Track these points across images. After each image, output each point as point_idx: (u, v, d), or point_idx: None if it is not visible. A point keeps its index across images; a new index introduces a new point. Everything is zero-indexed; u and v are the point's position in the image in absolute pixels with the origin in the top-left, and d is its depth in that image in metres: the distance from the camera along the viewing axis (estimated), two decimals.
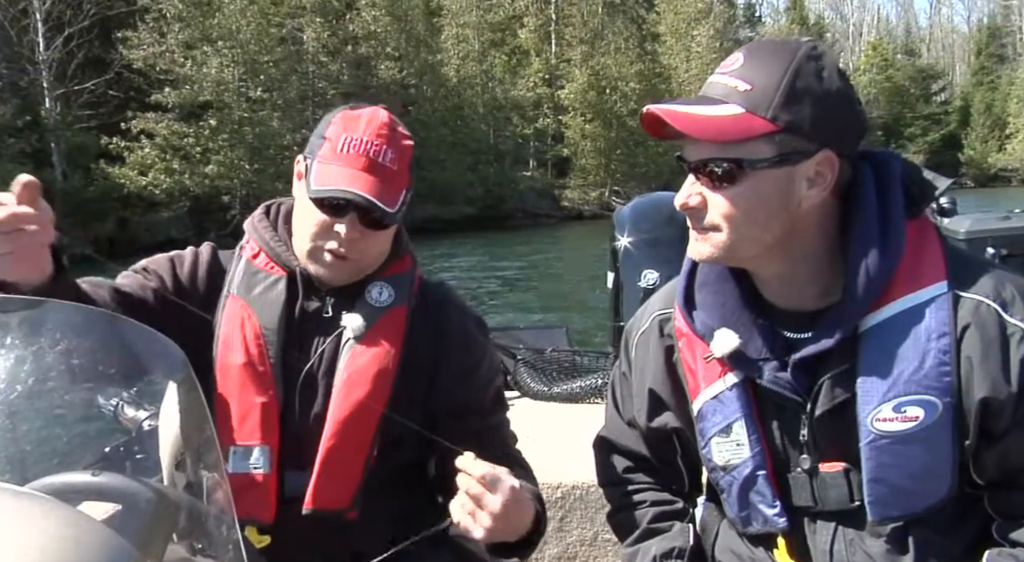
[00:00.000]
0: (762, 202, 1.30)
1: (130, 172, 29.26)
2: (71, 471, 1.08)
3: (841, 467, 1.37)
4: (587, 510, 2.83)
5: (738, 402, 1.41)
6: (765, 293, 1.42)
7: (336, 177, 1.57)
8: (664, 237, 3.45)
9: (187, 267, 1.69)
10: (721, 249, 1.35)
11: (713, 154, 1.30)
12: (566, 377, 4.01)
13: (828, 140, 1.30)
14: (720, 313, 1.41)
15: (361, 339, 1.63)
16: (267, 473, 1.57)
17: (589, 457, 1.74)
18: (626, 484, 1.66)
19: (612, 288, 3.69)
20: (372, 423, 1.60)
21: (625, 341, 1.63)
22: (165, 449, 1.38)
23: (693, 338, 1.45)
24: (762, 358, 1.38)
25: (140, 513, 1.06)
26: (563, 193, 45.85)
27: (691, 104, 1.31)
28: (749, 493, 1.43)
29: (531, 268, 23.18)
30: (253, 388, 1.58)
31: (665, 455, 1.60)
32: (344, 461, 1.60)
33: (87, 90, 29.60)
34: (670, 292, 1.54)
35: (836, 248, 1.36)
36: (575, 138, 46.73)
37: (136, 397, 1.78)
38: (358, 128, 1.61)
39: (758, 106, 1.27)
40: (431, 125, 40.04)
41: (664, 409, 1.54)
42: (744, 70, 1.30)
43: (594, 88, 46.15)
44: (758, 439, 1.40)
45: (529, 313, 15.63)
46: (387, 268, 1.71)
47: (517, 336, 4.73)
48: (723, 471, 1.44)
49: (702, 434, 1.46)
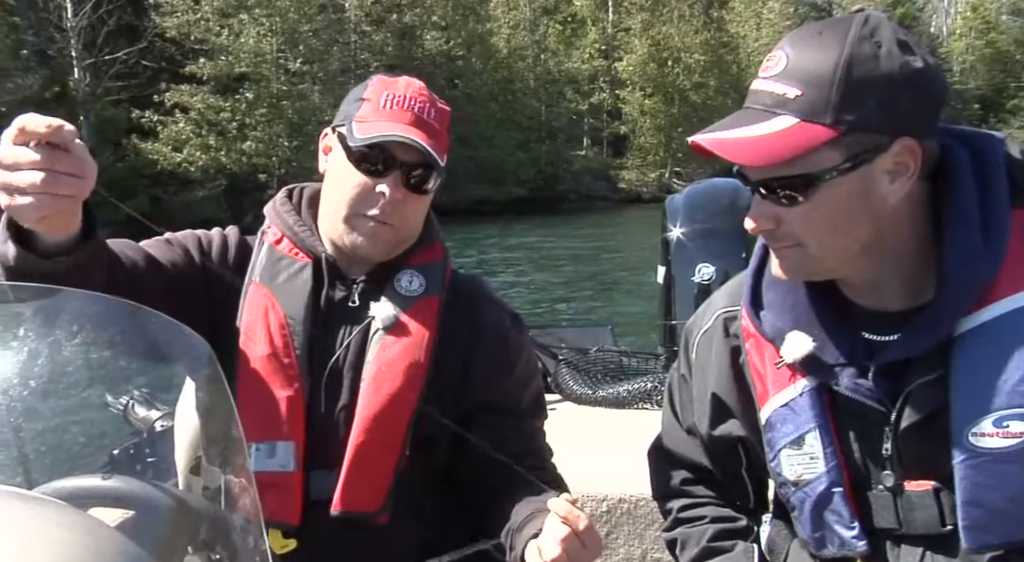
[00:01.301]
0: (842, 211, 1.25)
1: (164, 148, 29.84)
2: (78, 474, 1.08)
3: (930, 486, 1.32)
4: (635, 526, 2.79)
5: (812, 411, 1.36)
6: (846, 292, 1.38)
7: (384, 129, 1.58)
8: (721, 228, 3.40)
9: (216, 248, 1.69)
10: (807, 266, 1.31)
11: (776, 173, 1.24)
12: (612, 380, 3.99)
13: (902, 127, 1.23)
14: (792, 315, 1.37)
15: (391, 329, 1.62)
16: (292, 472, 1.56)
17: (637, 468, 1.71)
18: (684, 497, 1.62)
19: (663, 283, 3.66)
20: (404, 419, 1.59)
21: (685, 341, 1.60)
22: (181, 451, 1.38)
23: (762, 340, 1.41)
24: (840, 363, 1.33)
25: (157, 520, 1.05)
26: (620, 174, 45.74)
27: (739, 125, 1.25)
28: (824, 512, 1.38)
29: (581, 257, 23.18)
30: (277, 381, 1.57)
31: (728, 467, 1.56)
32: (374, 459, 1.59)
33: (118, 60, 30.14)
34: (736, 287, 1.50)
35: (929, 240, 1.30)
36: (633, 114, 46.52)
37: (148, 395, 1.79)
38: (398, 87, 1.63)
39: (814, 112, 1.21)
40: (479, 100, 40.19)
41: (728, 416, 1.50)
42: (790, 72, 1.23)
43: (655, 60, 45.84)
44: (834, 452, 1.36)
45: (574, 306, 15.62)
46: (416, 255, 1.70)
47: (559, 335, 4.73)
48: (794, 486, 1.40)
49: (771, 445, 1.41)
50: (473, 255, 22.90)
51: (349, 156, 1.61)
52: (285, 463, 1.56)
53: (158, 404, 1.84)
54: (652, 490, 1.71)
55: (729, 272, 3.69)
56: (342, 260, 1.67)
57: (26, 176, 1.20)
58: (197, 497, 1.19)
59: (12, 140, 1.21)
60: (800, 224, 1.26)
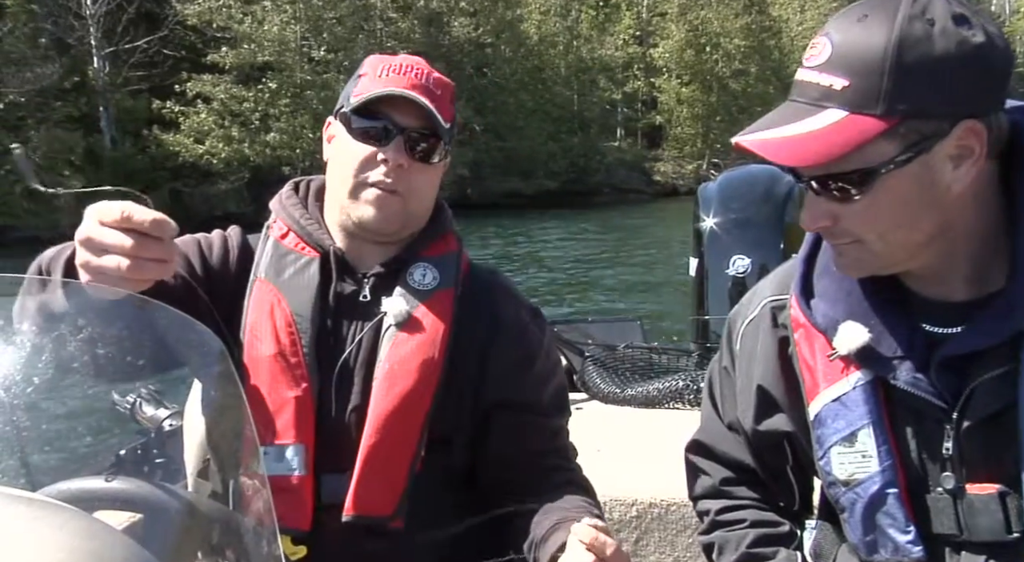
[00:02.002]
0: (903, 204, 1.21)
1: (185, 140, 30.14)
2: (83, 476, 1.07)
3: (995, 490, 1.28)
4: (666, 531, 2.76)
5: (865, 406, 1.33)
6: (905, 280, 1.35)
7: (380, 89, 1.59)
8: (757, 217, 3.37)
9: (217, 251, 1.68)
10: (870, 263, 1.28)
11: (829, 170, 1.21)
12: (641, 378, 3.97)
13: (963, 109, 1.18)
14: (846, 304, 1.35)
15: (403, 325, 1.60)
16: (303, 475, 1.55)
17: (668, 470, 1.69)
18: (723, 498, 1.60)
19: (695, 276, 3.63)
20: (418, 419, 1.58)
21: (728, 331, 1.58)
22: (191, 451, 1.37)
23: (812, 330, 1.38)
24: (897, 356, 1.31)
25: (166, 523, 1.05)
26: (655, 166, 45.58)
27: (784, 122, 1.22)
28: (876, 514, 1.35)
29: (613, 251, 23.17)
30: (285, 381, 1.56)
31: (773, 465, 1.54)
32: (388, 461, 1.57)
33: (138, 49, 30.50)
34: (784, 275, 1.48)
35: (1000, 223, 1.27)
36: (669, 103, 46.35)
37: (156, 393, 1.79)
38: (395, 61, 1.65)
39: (864, 103, 1.17)
40: (509, 89, 40.24)
41: (775, 410, 1.47)
42: (835, 60, 1.19)
43: (692, 45, 45.59)
44: (889, 450, 1.33)
45: (601, 301, 15.56)
46: (429, 247, 1.69)
47: (585, 330, 4.71)
48: (845, 486, 1.37)
49: (820, 442, 1.38)
50: (499, 247, 22.94)
51: (350, 130, 1.62)
52: (295, 466, 1.54)
53: (166, 402, 1.83)
54: (688, 490, 1.69)
55: (767, 264, 3.67)
56: (352, 252, 1.67)
57: (112, 260, 1.25)
58: (207, 500, 1.18)
59: (108, 223, 1.25)
60: (859, 221, 1.23)
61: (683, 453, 1.69)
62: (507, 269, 16.58)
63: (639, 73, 47.51)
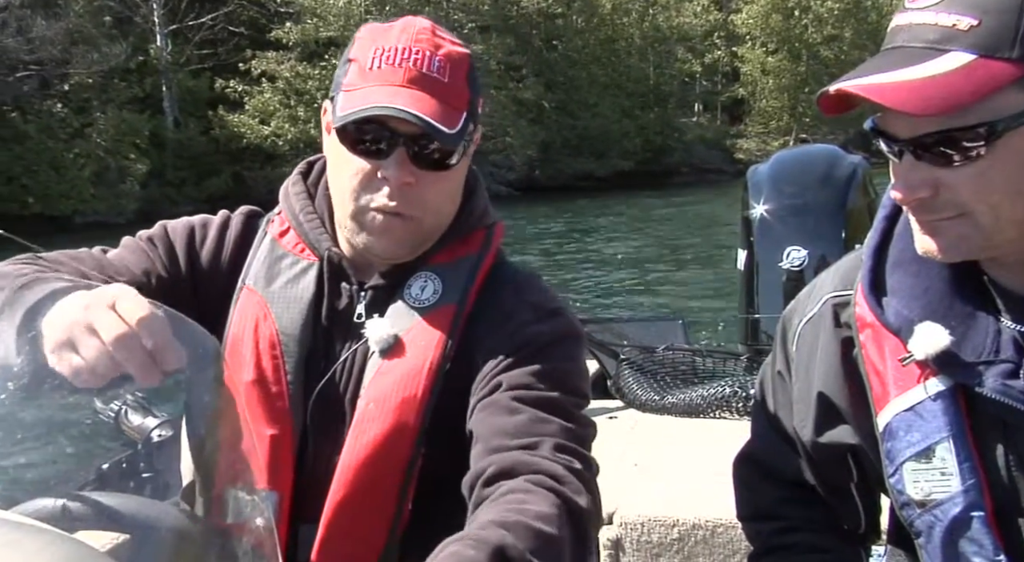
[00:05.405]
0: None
1: (250, 121, 30.81)
2: (63, 491, 1.05)
3: None
4: (713, 556, 2.69)
5: (944, 417, 1.27)
6: (993, 274, 1.28)
7: (368, 98, 1.39)
8: (815, 203, 3.28)
9: (210, 242, 1.58)
10: (974, 241, 1.19)
11: (940, 125, 1.13)
12: (684, 383, 3.91)
13: None
14: (923, 301, 1.28)
15: (388, 352, 1.46)
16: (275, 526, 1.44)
17: (714, 487, 1.64)
18: (777, 519, 1.55)
19: (743, 270, 3.55)
20: (397, 468, 1.44)
21: (783, 331, 1.52)
22: (187, 464, 1.34)
23: (882, 331, 1.32)
24: (984, 361, 1.24)
25: (155, 544, 1.03)
26: (737, 143, 45.13)
27: (894, 67, 1.14)
28: (959, 540, 1.29)
29: (679, 238, 22.87)
30: (264, 416, 1.46)
31: (835, 482, 1.48)
32: (361, 517, 1.44)
33: (203, 26, 31.23)
34: (848, 268, 1.43)
35: None
36: (753, 74, 45.81)
37: (144, 400, 1.75)
38: (390, 38, 1.44)
39: (996, 45, 1.10)
40: (580, 62, 40.26)
41: (838, 420, 1.41)
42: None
43: (779, 10, 44.90)
44: (972, 468, 1.26)
45: (645, 298, 15.39)
46: (440, 251, 1.52)
47: (620, 330, 4.66)
48: (920, 507, 1.31)
49: (890, 456, 1.32)
50: (562, 233, 22.85)
51: (340, 137, 1.44)
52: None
53: (156, 410, 1.79)
54: (737, 509, 1.63)
55: (827, 257, 3.56)
56: (356, 260, 1.52)
57: (91, 354, 1.10)
58: (201, 518, 1.15)
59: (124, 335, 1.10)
60: (970, 188, 1.15)
61: (731, 468, 1.64)
62: (568, 261, 16.44)
63: (720, 42, 47.10)
